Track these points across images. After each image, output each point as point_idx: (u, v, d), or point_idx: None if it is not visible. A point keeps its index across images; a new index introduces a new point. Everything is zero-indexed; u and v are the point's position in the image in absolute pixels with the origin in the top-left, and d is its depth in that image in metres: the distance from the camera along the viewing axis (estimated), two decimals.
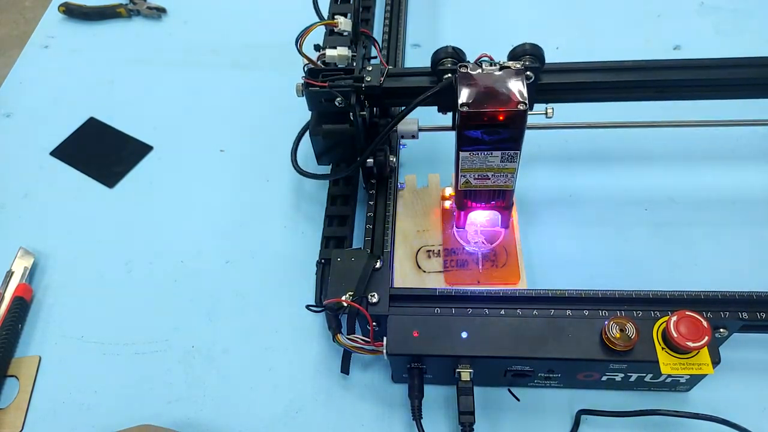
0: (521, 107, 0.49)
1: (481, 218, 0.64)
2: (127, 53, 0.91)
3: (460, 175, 0.56)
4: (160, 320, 0.64)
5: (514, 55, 0.56)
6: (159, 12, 0.96)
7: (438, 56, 0.57)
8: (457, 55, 0.57)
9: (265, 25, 0.93)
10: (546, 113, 0.58)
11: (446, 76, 0.56)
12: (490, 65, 0.52)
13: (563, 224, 0.68)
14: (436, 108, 0.59)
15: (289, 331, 0.62)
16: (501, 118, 0.50)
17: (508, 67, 0.52)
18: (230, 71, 0.88)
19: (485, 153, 0.53)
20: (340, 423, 0.56)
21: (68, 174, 0.78)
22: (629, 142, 0.74)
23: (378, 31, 0.85)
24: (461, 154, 0.53)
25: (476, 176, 0.56)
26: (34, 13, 1.99)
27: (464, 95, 0.50)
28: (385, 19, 0.85)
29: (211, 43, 0.92)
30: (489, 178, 0.56)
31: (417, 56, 0.87)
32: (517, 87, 0.50)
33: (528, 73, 0.52)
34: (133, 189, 0.76)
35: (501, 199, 0.59)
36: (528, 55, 0.56)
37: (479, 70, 0.52)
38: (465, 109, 0.50)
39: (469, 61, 0.55)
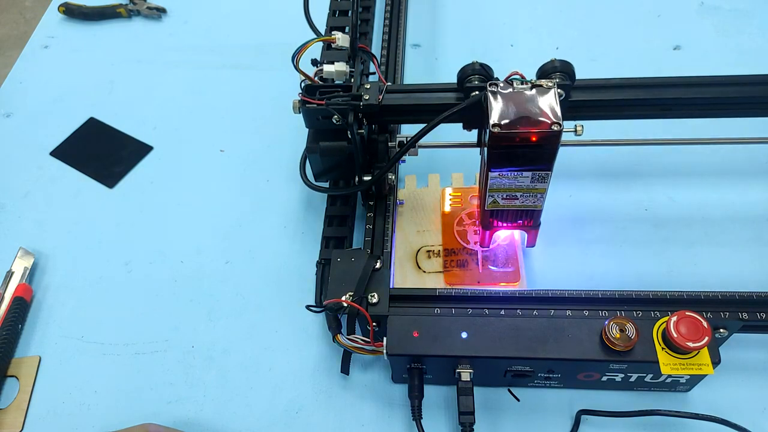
0: (555, 128, 0.48)
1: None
2: (127, 53, 0.91)
3: (487, 195, 0.54)
4: (160, 320, 0.64)
5: (543, 72, 0.54)
6: (159, 12, 0.96)
7: (465, 73, 0.56)
8: (485, 71, 0.55)
9: (265, 25, 0.93)
10: (575, 131, 0.55)
11: (474, 93, 0.54)
12: (521, 83, 0.51)
13: (563, 224, 0.68)
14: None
15: (289, 331, 0.62)
16: (534, 138, 0.48)
17: (540, 86, 0.50)
18: (230, 71, 0.88)
19: (515, 173, 0.51)
20: (340, 423, 0.56)
21: (68, 174, 0.78)
22: (629, 145, 0.74)
23: (378, 31, 0.85)
24: (490, 174, 0.52)
25: (504, 196, 0.54)
26: (34, 13, 1.99)
27: (495, 115, 0.49)
28: (385, 19, 0.85)
29: (211, 43, 0.92)
30: (517, 198, 0.54)
31: (417, 56, 0.87)
32: (550, 106, 0.49)
33: (559, 90, 0.51)
34: (133, 189, 0.76)
35: (528, 218, 0.58)
36: (558, 72, 0.54)
37: (510, 90, 0.50)
38: (497, 129, 0.48)
39: (498, 79, 0.53)
